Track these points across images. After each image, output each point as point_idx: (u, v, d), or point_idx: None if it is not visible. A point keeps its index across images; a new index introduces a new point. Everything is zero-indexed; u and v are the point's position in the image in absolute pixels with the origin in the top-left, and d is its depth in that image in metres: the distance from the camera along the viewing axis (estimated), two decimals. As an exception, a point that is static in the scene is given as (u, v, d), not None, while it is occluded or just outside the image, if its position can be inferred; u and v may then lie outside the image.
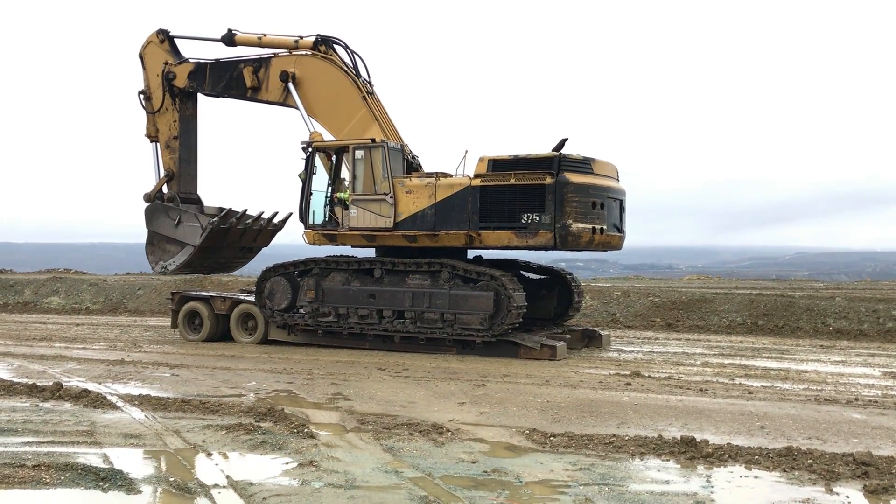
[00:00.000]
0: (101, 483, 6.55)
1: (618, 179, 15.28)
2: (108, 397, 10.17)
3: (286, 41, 16.95)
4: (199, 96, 18.31)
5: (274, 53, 17.05)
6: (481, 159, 14.64)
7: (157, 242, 18.18)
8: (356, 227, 15.46)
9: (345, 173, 15.98)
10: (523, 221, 14.14)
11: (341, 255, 16.32)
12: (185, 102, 18.13)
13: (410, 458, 7.36)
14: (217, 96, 17.82)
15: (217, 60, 17.64)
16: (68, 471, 6.81)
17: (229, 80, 17.37)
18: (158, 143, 18.46)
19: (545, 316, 16.68)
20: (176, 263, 17.92)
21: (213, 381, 11.87)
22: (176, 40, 18.13)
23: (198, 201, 18.72)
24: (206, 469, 7.00)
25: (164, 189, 18.48)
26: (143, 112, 18.47)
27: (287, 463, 7.21)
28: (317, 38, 16.62)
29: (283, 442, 7.90)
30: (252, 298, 16.96)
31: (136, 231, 18.47)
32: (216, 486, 6.53)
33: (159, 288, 27.44)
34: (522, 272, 16.98)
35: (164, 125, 18.22)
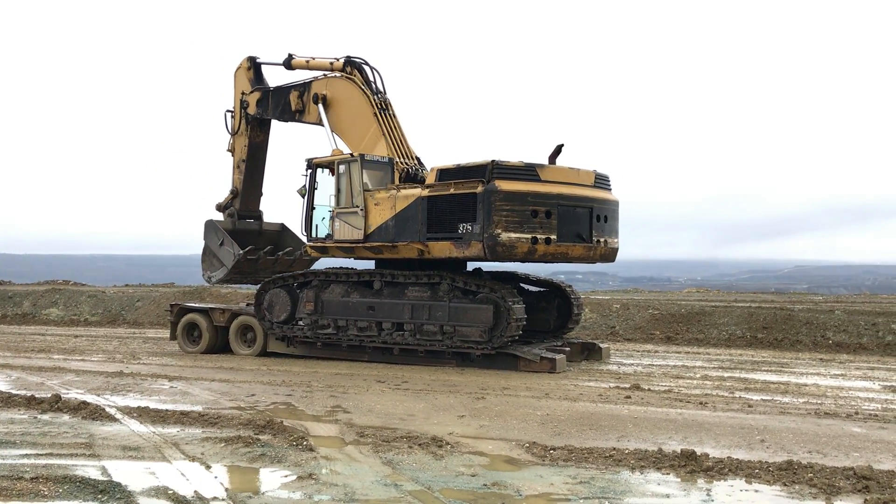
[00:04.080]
0: (99, 496, 6.52)
1: (595, 187, 14.64)
2: (107, 409, 10.14)
3: (324, 63, 17.63)
4: (273, 123, 19.16)
5: (315, 77, 17.66)
6: (432, 169, 14.72)
7: (208, 254, 19.27)
8: (339, 240, 15.70)
9: None
10: (460, 232, 14.03)
11: (340, 267, 16.35)
12: (255, 129, 19.08)
13: (410, 471, 7.33)
14: (280, 120, 18.63)
15: (277, 87, 18.44)
16: (66, 483, 6.79)
17: (283, 105, 18.13)
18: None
19: (545, 328, 16.66)
20: (216, 278, 18.98)
21: (212, 393, 11.85)
22: (262, 66, 19.09)
23: (259, 217, 19.86)
24: (205, 482, 6.98)
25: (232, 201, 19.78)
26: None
27: (286, 476, 7.18)
28: (345, 60, 17.18)
29: (282, 455, 7.87)
30: (251, 310, 16.96)
31: (135, 243, 18.95)
32: (215, 498, 6.50)
33: (158, 300, 27.44)
34: (522, 284, 16.98)
35: (238, 146, 19.29)
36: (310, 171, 16.40)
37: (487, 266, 16.29)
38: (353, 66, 17.07)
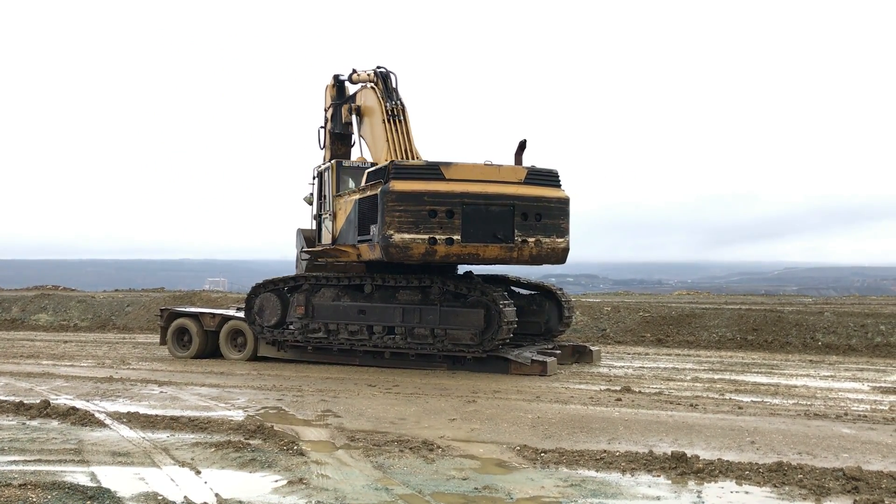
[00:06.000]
0: (88, 502, 6.48)
1: (526, 183, 14.11)
2: (96, 415, 10.08)
3: (365, 76, 17.84)
4: (354, 137, 19.37)
5: (357, 90, 17.93)
6: (367, 172, 14.88)
7: (298, 259, 19.68)
8: (323, 245, 16.09)
9: None
10: (370, 234, 14.08)
11: (330, 271, 16.36)
12: (336, 143, 19.22)
13: (401, 474, 7.32)
14: (345, 133, 18.83)
15: (338, 102, 18.61)
16: (55, 489, 6.74)
17: (341, 118, 18.39)
18: None
19: (535, 331, 16.68)
20: None
21: (202, 398, 11.80)
22: (345, 83, 19.23)
23: None
24: (195, 487, 6.95)
25: None
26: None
27: (277, 480, 7.16)
28: (373, 70, 17.40)
29: (272, 459, 7.85)
30: (241, 314, 16.91)
31: (125, 247, 18.88)
32: (205, 504, 6.48)
33: (148, 304, 27.34)
34: (513, 288, 17.00)
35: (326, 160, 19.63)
36: (316, 179, 16.98)
37: (478, 269, 16.30)
38: (377, 76, 17.28)
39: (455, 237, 13.37)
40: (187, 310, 18.34)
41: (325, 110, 19.07)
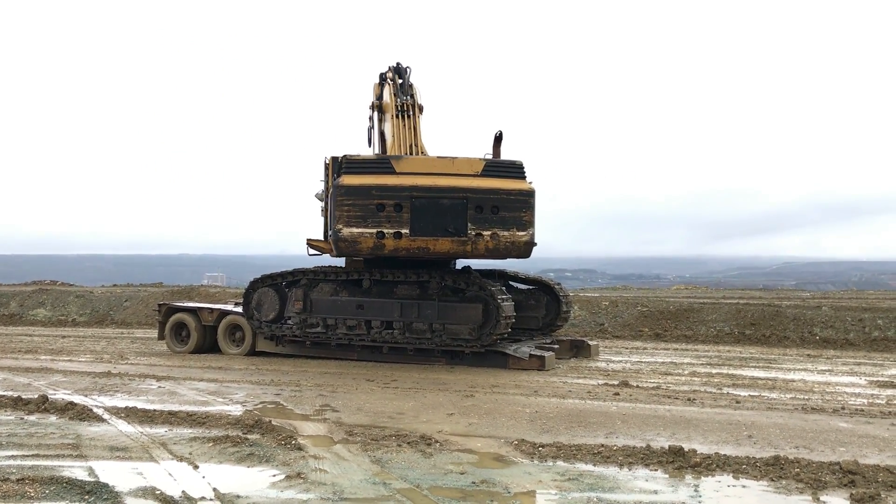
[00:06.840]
0: (86, 497, 6.49)
1: (484, 176, 13.75)
2: (94, 410, 10.09)
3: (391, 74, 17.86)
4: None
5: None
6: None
7: None
8: (322, 239, 16.13)
9: None
10: (331, 231, 14.09)
11: (329, 266, 16.36)
12: (383, 140, 19.00)
13: (399, 469, 7.33)
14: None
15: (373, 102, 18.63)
16: (53, 484, 6.75)
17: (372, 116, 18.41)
18: None
19: (534, 326, 16.70)
20: None
21: (200, 393, 11.80)
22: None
23: None
24: (193, 482, 6.95)
25: None
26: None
27: (274, 475, 7.16)
28: (395, 67, 17.40)
29: (270, 454, 7.85)
30: (240, 309, 16.91)
31: (123, 242, 18.80)
32: (203, 498, 6.48)
33: (146, 299, 27.34)
34: (511, 282, 17.01)
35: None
36: (327, 175, 16.81)
37: (476, 264, 16.31)
38: (396, 72, 17.26)
39: (403, 231, 13.16)
40: (185, 305, 18.36)
41: (370, 108, 18.86)
